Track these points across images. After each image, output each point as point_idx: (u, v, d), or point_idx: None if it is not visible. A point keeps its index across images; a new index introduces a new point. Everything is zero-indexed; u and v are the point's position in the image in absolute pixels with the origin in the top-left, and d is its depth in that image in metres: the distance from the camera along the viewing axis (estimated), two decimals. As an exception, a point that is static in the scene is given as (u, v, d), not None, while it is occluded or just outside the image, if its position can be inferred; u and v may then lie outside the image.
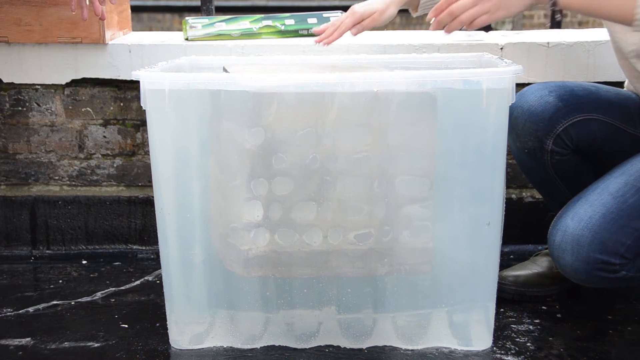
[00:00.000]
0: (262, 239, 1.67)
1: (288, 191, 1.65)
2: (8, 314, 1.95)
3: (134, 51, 2.27)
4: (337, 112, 1.61)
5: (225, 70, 1.86)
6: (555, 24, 4.81)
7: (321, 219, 1.67)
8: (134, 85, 2.30)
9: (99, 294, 2.06)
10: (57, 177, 2.40)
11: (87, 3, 1.98)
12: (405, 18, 11.11)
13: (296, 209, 1.66)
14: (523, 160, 1.91)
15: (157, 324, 1.86)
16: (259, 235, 1.67)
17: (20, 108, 2.36)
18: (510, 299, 1.95)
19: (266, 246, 1.68)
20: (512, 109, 1.84)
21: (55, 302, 2.00)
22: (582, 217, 1.67)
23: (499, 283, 1.74)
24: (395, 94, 1.61)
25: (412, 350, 1.73)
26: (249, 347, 1.74)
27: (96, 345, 1.78)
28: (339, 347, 1.74)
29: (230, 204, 1.68)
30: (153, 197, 1.70)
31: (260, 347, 1.74)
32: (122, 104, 2.36)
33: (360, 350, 1.73)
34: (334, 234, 1.67)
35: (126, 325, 1.87)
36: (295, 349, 1.73)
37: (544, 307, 1.94)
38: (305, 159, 1.63)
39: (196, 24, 2.30)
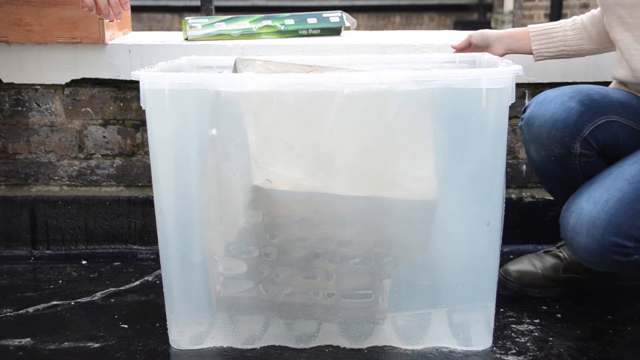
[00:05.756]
0: (246, 286, 1.71)
1: (277, 256, 1.68)
2: (8, 314, 1.94)
3: (133, 51, 2.27)
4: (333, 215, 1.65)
5: (235, 64, 1.84)
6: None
7: (307, 283, 1.69)
8: (134, 85, 2.30)
9: (98, 294, 2.06)
10: (57, 177, 2.40)
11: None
12: (405, 18, 11.10)
13: (283, 270, 1.69)
14: (548, 169, 1.89)
15: (157, 324, 1.86)
16: (242, 283, 1.71)
17: (20, 108, 2.36)
18: (511, 297, 1.95)
19: (247, 292, 1.71)
20: (533, 119, 1.83)
21: (55, 303, 2.00)
22: (598, 200, 1.68)
23: (501, 277, 1.74)
24: (396, 202, 1.64)
25: (412, 350, 1.73)
26: (248, 347, 1.74)
27: (96, 345, 1.78)
28: (338, 347, 1.73)
29: (222, 242, 1.70)
30: (153, 197, 1.70)
31: (260, 347, 1.74)
32: (121, 104, 2.36)
33: (360, 350, 1.73)
34: (319, 292, 1.70)
35: (126, 326, 1.87)
36: (295, 349, 1.73)
37: (544, 307, 1.94)
38: (299, 239, 1.67)
39: (196, 24, 2.30)
